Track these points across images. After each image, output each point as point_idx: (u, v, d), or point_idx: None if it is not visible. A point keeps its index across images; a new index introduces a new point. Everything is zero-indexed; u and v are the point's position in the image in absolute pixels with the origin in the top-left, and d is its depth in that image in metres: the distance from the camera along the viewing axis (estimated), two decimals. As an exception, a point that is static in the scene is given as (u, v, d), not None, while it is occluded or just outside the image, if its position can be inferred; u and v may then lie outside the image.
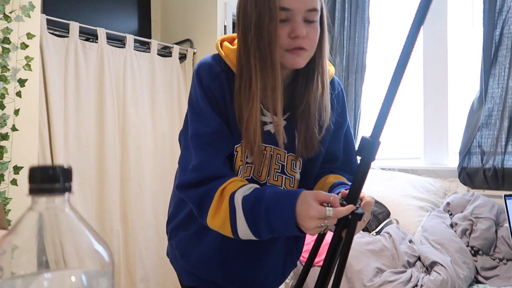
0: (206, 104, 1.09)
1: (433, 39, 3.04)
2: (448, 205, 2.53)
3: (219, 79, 1.10)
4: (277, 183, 1.15)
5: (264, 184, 1.13)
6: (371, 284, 2.05)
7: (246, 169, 1.12)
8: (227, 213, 1.01)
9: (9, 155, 2.21)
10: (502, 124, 2.58)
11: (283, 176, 1.16)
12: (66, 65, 2.69)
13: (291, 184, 1.17)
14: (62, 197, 0.47)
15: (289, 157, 1.15)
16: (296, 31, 1.02)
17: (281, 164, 1.15)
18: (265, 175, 1.14)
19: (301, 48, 1.04)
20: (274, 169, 1.15)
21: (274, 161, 1.14)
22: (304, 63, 1.07)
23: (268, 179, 1.14)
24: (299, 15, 1.02)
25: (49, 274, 0.46)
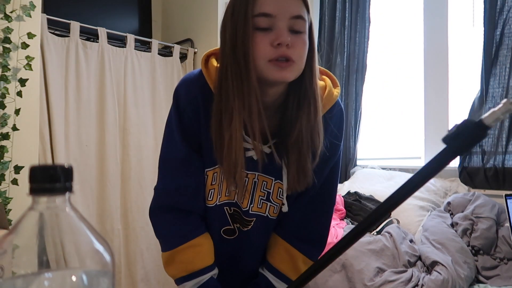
0: (178, 128, 1.06)
1: (434, 38, 3.03)
2: (448, 205, 2.53)
3: (196, 102, 1.04)
4: (261, 210, 1.10)
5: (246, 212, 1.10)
6: (372, 283, 2.05)
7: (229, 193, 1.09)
8: None
9: (10, 155, 2.21)
10: (502, 124, 2.58)
11: (267, 203, 1.10)
12: (67, 65, 2.69)
13: (274, 211, 1.12)
14: (62, 196, 0.47)
15: (276, 184, 1.09)
16: (279, 38, 0.91)
17: (267, 192, 1.09)
18: (247, 203, 1.09)
19: (287, 58, 0.93)
20: (259, 196, 1.09)
21: (259, 188, 1.09)
22: (292, 76, 0.96)
23: (251, 207, 1.10)
24: (283, 22, 0.93)
25: (50, 273, 0.46)
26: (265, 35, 0.93)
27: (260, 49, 0.93)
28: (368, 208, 2.64)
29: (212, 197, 1.09)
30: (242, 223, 1.13)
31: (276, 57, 0.93)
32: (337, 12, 3.44)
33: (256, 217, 1.11)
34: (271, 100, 1.03)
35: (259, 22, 0.93)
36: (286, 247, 1.13)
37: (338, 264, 2.19)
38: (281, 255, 1.13)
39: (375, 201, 2.72)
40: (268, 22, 0.93)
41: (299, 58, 0.96)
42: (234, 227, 1.14)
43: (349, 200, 2.74)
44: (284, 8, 0.93)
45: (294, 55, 0.94)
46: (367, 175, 3.07)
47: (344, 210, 2.69)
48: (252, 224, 1.12)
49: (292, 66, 0.94)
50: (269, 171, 1.08)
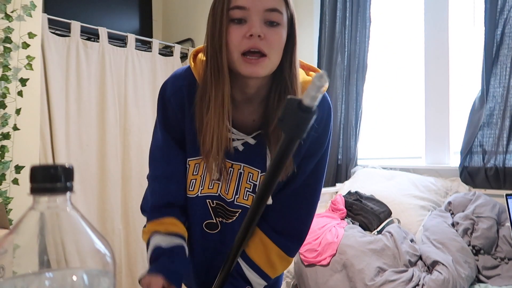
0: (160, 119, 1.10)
1: (435, 38, 3.03)
2: (449, 204, 2.53)
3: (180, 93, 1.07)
4: (247, 203, 1.10)
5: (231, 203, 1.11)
6: (373, 283, 2.05)
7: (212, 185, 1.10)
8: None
9: (11, 155, 2.21)
10: (503, 123, 2.58)
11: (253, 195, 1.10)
12: (68, 65, 2.69)
13: None
14: (63, 196, 0.47)
15: (263, 176, 1.08)
16: (250, 30, 0.93)
17: (253, 184, 1.09)
18: (232, 193, 1.10)
19: (258, 51, 0.94)
20: (245, 188, 1.10)
21: (244, 179, 1.09)
22: (264, 72, 0.97)
23: (236, 198, 1.10)
24: (257, 15, 0.94)
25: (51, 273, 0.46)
26: (239, 27, 0.95)
27: (233, 40, 0.95)
28: (369, 208, 2.64)
29: (193, 188, 1.10)
30: (226, 215, 1.13)
31: (248, 48, 0.94)
32: (338, 11, 3.44)
33: (242, 209, 1.11)
34: (254, 92, 1.05)
35: (234, 14, 0.95)
36: (261, 238, 1.13)
37: (338, 264, 2.19)
38: (256, 245, 1.12)
39: (376, 200, 2.72)
40: (242, 14, 0.95)
41: (272, 51, 0.96)
42: (217, 221, 1.14)
43: (349, 200, 2.74)
44: (258, 1, 0.94)
45: (266, 47, 0.95)
46: (368, 174, 3.07)
47: (344, 209, 2.69)
48: (237, 215, 1.12)
49: (263, 61, 0.96)
50: (255, 163, 1.09)
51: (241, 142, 1.07)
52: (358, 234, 2.33)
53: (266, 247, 1.12)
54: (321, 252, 2.27)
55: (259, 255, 1.12)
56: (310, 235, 2.41)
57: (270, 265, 1.11)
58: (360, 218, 2.64)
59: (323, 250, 2.28)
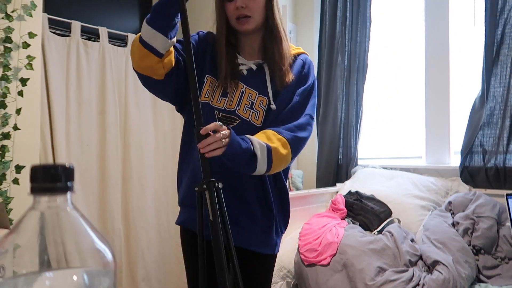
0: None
1: (435, 38, 3.03)
2: (450, 204, 2.53)
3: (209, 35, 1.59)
4: (245, 115, 1.45)
5: (233, 112, 1.45)
6: (373, 283, 2.05)
7: (220, 101, 1.46)
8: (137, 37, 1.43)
9: (11, 154, 2.21)
10: (504, 123, 2.58)
11: (251, 111, 1.46)
12: (68, 64, 2.69)
13: (256, 117, 1.45)
14: (63, 196, 0.47)
15: (259, 97, 1.47)
16: (235, 4, 1.46)
17: (251, 102, 1.46)
18: (235, 104, 1.46)
19: (244, 16, 1.46)
20: (245, 104, 1.46)
21: (245, 97, 1.47)
22: (251, 27, 1.48)
23: (237, 109, 1.46)
24: None
25: (51, 273, 0.46)
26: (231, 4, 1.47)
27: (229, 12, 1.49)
28: (369, 208, 2.64)
29: (207, 95, 1.48)
30: (229, 122, 1.44)
31: (237, 16, 1.47)
32: (338, 11, 3.44)
33: (240, 120, 1.45)
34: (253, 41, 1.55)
35: None
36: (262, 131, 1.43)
37: (339, 264, 2.19)
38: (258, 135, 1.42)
39: (376, 200, 2.72)
40: None
41: (254, 13, 1.47)
42: None
43: (350, 200, 2.74)
44: None
45: (249, 12, 1.46)
46: (368, 174, 3.08)
47: (345, 209, 2.69)
48: (236, 124, 1.44)
49: (249, 21, 1.47)
50: (254, 86, 1.48)
51: (245, 67, 1.51)
52: (359, 234, 2.33)
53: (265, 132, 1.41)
54: (321, 252, 2.27)
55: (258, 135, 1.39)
56: (311, 235, 2.41)
57: (268, 139, 1.38)
58: (360, 218, 2.64)
59: (323, 250, 2.28)
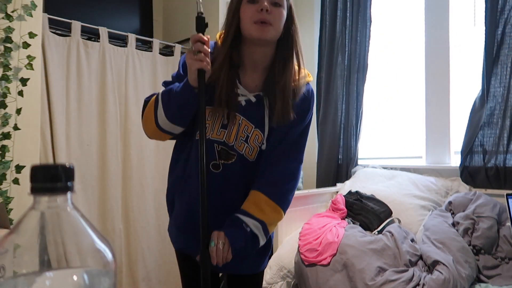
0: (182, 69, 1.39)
1: (435, 38, 3.03)
2: (450, 204, 2.53)
3: None
4: (240, 148, 1.38)
5: (231, 147, 1.38)
6: (373, 283, 2.05)
7: (220, 133, 1.37)
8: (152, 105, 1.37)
9: (11, 154, 2.21)
10: (504, 123, 2.57)
11: (245, 144, 1.38)
12: (68, 64, 2.69)
13: (249, 153, 1.39)
14: (64, 196, 0.47)
15: (255, 131, 1.38)
16: (261, 5, 1.29)
17: (247, 135, 1.38)
18: (233, 139, 1.38)
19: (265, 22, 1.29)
20: (240, 137, 1.38)
21: (242, 129, 1.38)
22: (269, 35, 1.32)
23: (235, 143, 1.38)
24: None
25: (51, 273, 0.46)
26: (253, 5, 1.31)
27: (248, 13, 1.31)
28: (369, 208, 2.64)
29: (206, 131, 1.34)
30: (227, 157, 1.39)
31: (258, 19, 1.29)
32: (338, 11, 3.44)
33: (237, 154, 1.38)
34: (260, 59, 1.39)
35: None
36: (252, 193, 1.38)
37: (339, 264, 2.19)
38: (248, 200, 1.38)
39: (376, 200, 2.72)
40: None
41: (276, 22, 1.32)
42: (219, 163, 1.39)
43: (350, 200, 2.74)
44: None
45: (271, 19, 1.30)
46: (368, 174, 3.07)
47: (345, 209, 2.68)
48: (235, 158, 1.39)
49: (269, 28, 1.31)
50: (251, 118, 1.38)
51: (244, 98, 1.37)
52: (359, 234, 2.33)
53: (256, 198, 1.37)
54: (321, 252, 2.27)
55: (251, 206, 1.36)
56: (311, 235, 2.41)
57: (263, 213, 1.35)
58: (360, 218, 2.64)
59: (323, 250, 2.27)
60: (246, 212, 1.35)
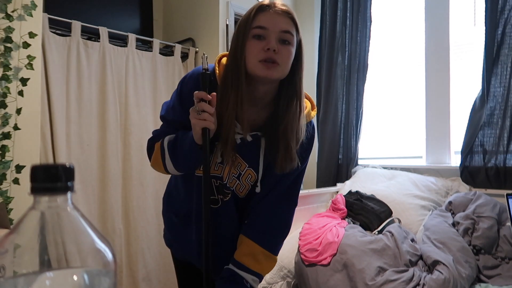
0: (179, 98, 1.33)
1: (435, 38, 3.03)
2: (450, 204, 2.53)
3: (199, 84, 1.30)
4: (231, 184, 1.35)
5: (225, 184, 1.35)
6: (373, 283, 2.05)
7: (217, 167, 1.33)
8: (159, 153, 1.32)
9: (11, 154, 2.21)
10: (504, 123, 2.58)
11: (236, 181, 1.35)
12: (68, 64, 2.69)
13: (240, 190, 1.37)
14: (64, 196, 0.47)
15: (248, 170, 1.34)
16: (268, 44, 1.20)
17: (239, 172, 1.34)
18: (226, 177, 1.35)
19: (273, 61, 1.20)
20: (232, 174, 1.34)
21: (235, 166, 1.33)
22: (276, 75, 1.23)
23: (228, 180, 1.35)
24: (274, 34, 1.21)
25: (51, 273, 0.46)
26: (259, 42, 1.22)
27: (254, 51, 1.22)
28: (370, 208, 2.64)
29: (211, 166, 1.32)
30: (224, 194, 1.37)
31: (265, 59, 1.20)
32: (338, 11, 3.44)
33: (230, 191, 1.36)
34: (260, 96, 1.30)
35: (256, 32, 1.22)
36: (248, 243, 1.36)
37: (339, 264, 2.19)
38: (243, 250, 1.36)
39: (377, 200, 2.72)
40: (262, 32, 1.22)
41: (283, 62, 1.23)
42: (218, 198, 1.37)
43: (350, 200, 2.74)
44: (276, 24, 1.22)
45: (279, 59, 1.21)
46: (369, 174, 3.07)
47: (345, 209, 2.69)
48: (230, 196, 1.37)
49: (276, 68, 1.22)
50: (245, 157, 1.33)
51: (240, 136, 1.29)
52: (359, 234, 2.33)
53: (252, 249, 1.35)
54: (321, 252, 2.27)
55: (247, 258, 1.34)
56: (311, 235, 2.41)
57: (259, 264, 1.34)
58: (360, 218, 2.64)
59: (323, 250, 2.27)
60: (244, 266, 1.33)
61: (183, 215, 1.46)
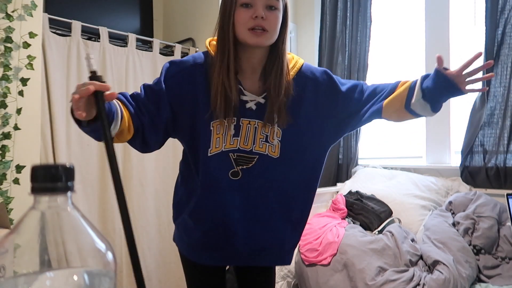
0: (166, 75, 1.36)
1: (435, 38, 3.03)
2: (450, 204, 2.53)
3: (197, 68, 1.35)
4: (262, 150, 1.37)
5: (250, 151, 1.36)
6: (373, 283, 2.05)
7: (233, 141, 1.34)
8: None
9: (11, 154, 2.21)
10: (504, 123, 2.57)
11: (266, 144, 1.37)
12: (68, 64, 2.69)
13: (272, 150, 1.38)
14: (64, 196, 0.47)
15: (272, 128, 1.36)
16: (255, 12, 1.24)
17: (265, 135, 1.36)
18: (251, 144, 1.36)
19: (261, 28, 1.25)
20: (259, 138, 1.36)
21: (259, 131, 1.35)
22: (266, 42, 1.29)
23: (254, 147, 1.36)
24: (260, 1, 1.25)
25: (51, 273, 0.46)
26: (247, 10, 1.26)
27: (242, 20, 1.26)
28: (370, 208, 2.64)
29: (218, 145, 1.34)
30: (246, 162, 1.37)
31: (254, 26, 1.25)
32: (339, 11, 3.43)
33: (259, 156, 1.37)
34: (257, 61, 1.36)
35: (242, 1, 1.26)
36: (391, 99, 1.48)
37: (339, 264, 2.19)
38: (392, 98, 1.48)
39: (377, 200, 2.72)
40: (249, 1, 1.26)
41: (272, 28, 1.28)
42: (238, 170, 1.37)
43: (350, 200, 2.74)
44: None
45: (267, 25, 1.26)
46: (369, 174, 3.07)
47: (345, 209, 2.69)
48: (255, 161, 1.37)
49: (265, 34, 1.27)
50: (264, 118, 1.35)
51: (254, 102, 1.35)
52: (359, 234, 2.33)
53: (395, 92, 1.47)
54: (321, 252, 2.27)
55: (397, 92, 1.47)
56: (311, 235, 2.41)
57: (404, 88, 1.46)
58: (361, 218, 2.64)
59: (323, 250, 2.27)
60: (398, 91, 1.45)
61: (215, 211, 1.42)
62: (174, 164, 3.13)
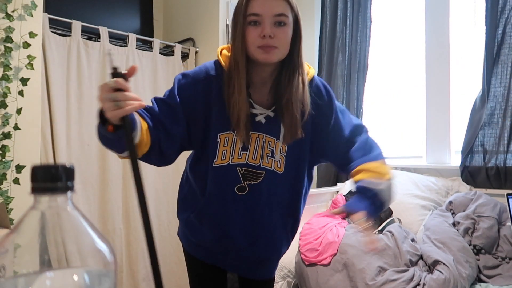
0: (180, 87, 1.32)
1: (435, 37, 3.03)
2: (450, 204, 2.53)
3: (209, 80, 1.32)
4: (268, 165, 1.36)
5: (258, 167, 1.35)
6: (374, 283, 2.05)
7: (241, 155, 1.33)
8: None
9: (12, 154, 2.21)
10: (504, 123, 2.57)
11: (272, 159, 1.36)
12: (69, 64, 2.69)
13: (278, 166, 1.37)
14: (64, 196, 0.47)
15: (277, 143, 1.35)
16: (263, 31, 1.23)
17: (272, 150, 1.35)
18: (259, 159, 1.35)
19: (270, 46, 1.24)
20: (266, 153, 1.35)
21: (266, 146, 1.35)
22: (275, 58, 1.28)
23: (262, 162, 1.35)
24: (268, 19, 1.24)
25: (52, 273, 0.46)
26: (255, 28, 1.25)
27: (251, 38, 1.25)
28: (370, 207, 2.64)
29: (225, 157, 1.33)
30: (253, 177, 1.36)
31: (262, 45, 1.24)
32: (339, 11, 3.43)
33: (265, 171, 1.36)
34: (267, 75, 1.34)
35: (250, 19, 1.25)
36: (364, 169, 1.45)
37: (339, 264, 2.19)
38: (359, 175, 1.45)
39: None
40: (256, 19, 1.24)
41: (281, 45, 1.27)
42: (245, 184, 1.36)
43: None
44: (268, 8, 1.24)
45: (276, 43, 1.25)
46: (369, 174, 3.07)
47: (345, 209, 2.68)
48: (262, 177, 1.36)
49: (274, 51, 1.26)
50: (271, 132, 1.35)
51: (263, 116, 1.34)
52: (359, 234, 2.33)
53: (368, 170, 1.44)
54: (322, 252, 2.27)
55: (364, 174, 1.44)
56: (311, 235, 2.41)
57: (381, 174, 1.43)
58: (361, 218, 2.63)
59: (324, 250, 2.28)
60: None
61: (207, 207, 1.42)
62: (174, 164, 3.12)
